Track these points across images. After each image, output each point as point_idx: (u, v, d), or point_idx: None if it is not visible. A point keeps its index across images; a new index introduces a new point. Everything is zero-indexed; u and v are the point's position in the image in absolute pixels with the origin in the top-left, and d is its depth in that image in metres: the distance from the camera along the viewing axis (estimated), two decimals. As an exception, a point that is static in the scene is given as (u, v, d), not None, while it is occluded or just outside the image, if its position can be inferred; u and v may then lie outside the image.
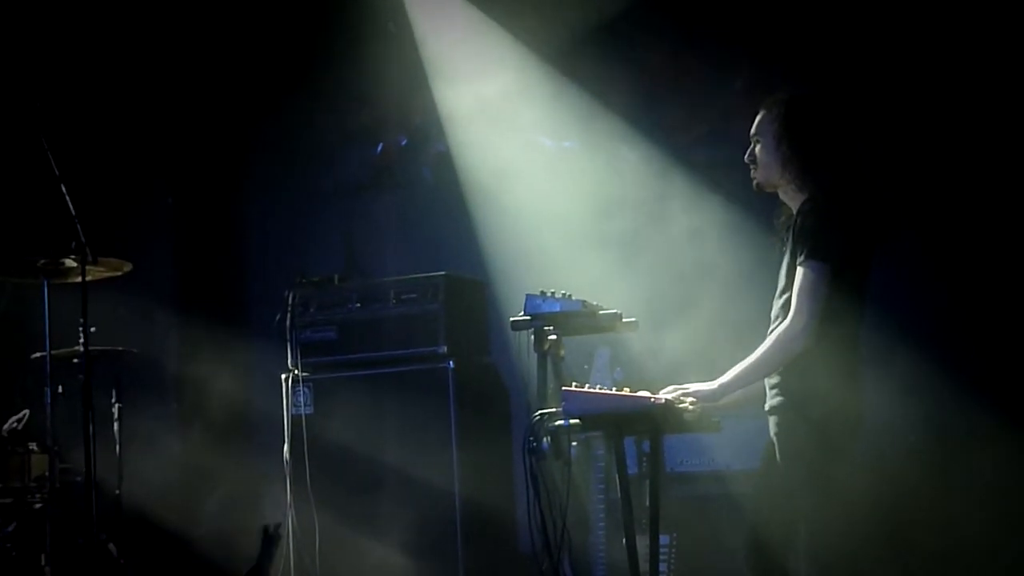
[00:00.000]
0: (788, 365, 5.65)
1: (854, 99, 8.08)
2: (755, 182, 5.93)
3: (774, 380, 5.74)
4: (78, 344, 7.60)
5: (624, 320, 6.19)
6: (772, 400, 5.77)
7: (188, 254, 10.21)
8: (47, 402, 7.55)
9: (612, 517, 7.50)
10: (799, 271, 5.58)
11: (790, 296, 5.63)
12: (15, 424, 8.01)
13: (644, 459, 7.09)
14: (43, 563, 7.53)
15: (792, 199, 5.82)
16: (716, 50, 8.75)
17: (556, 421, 5.78)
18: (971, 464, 7.57)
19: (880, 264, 5.81)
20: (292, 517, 8.74)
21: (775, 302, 5.82)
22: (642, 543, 5.98)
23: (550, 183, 8.80)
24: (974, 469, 7.56)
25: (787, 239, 5.76)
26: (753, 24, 8.53)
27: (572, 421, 5.72)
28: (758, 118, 5.91)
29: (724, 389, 5.74)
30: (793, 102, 5.85)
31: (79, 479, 7.65)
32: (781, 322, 5.66)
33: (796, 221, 5.69)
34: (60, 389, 7.63)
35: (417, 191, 9.87)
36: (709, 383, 5.77)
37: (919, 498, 7.45)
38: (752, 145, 5.91)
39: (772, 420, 5.78)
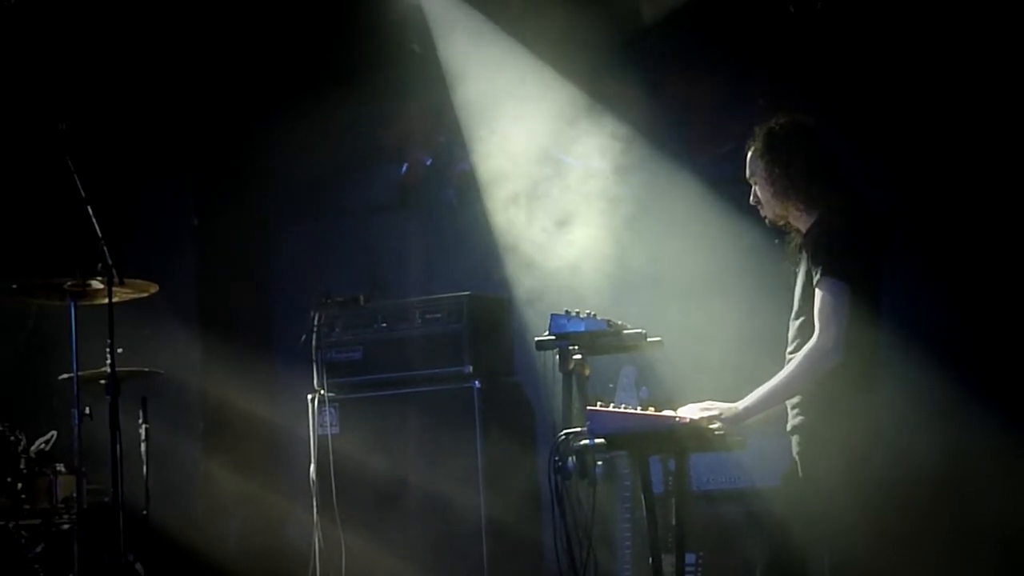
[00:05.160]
0: (811, 384, 5.66)
1: (872, 113, 8.13)
2: (767, 220, 6.01)
3: (796, 399, 5.75)
4: (105, 365, 7.63)
5: (649, 339, 6.20)
6: (794, 419, 5.78)
7: (214, 275, 10.23)
8: (74, 423, 7.56)
9: (638, 536, 7.50)
10: (818, 291, 5.60)
11: (807, 318, 5.66)
12: (43, 445, 8.04)
13: (670, 478, 7.08)
14: (71, 584, 7.57)
15: (801, 223, 5.89)
16: (738, 68, 8.77)
17: (581, 440, 5.78)
18: (989, 485, 7.57)
19: (889, 281, 5.84)
20: (319, 537, 8.74)
21: (791, 324, 5.84)
22: (668, 562, 5.97)
23: (574, 202, 8.80)
24: (992, 489, 7.56)
25: (800, 261, 5.80)
26: (774, 42, 8.54)
27: (597, 440, 5.72)
28: (747, 161, 6.00)
29: (749, 412, 5.74)
30: (770, 133, 5.94)
31: (106, 500, 7.66)
32: (800, 343, 5.68)
33: (808, 242, 5.75)
34: (87, 410, 7.63)
35: (442, 210, 9.89)
36: (733, 404, 5.77)
37: (940, 516, 7.45)
38: (752, 188, 5.97)
39: (795, 439, 5.79)
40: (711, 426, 5.75)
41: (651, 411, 5.80)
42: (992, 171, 8.01)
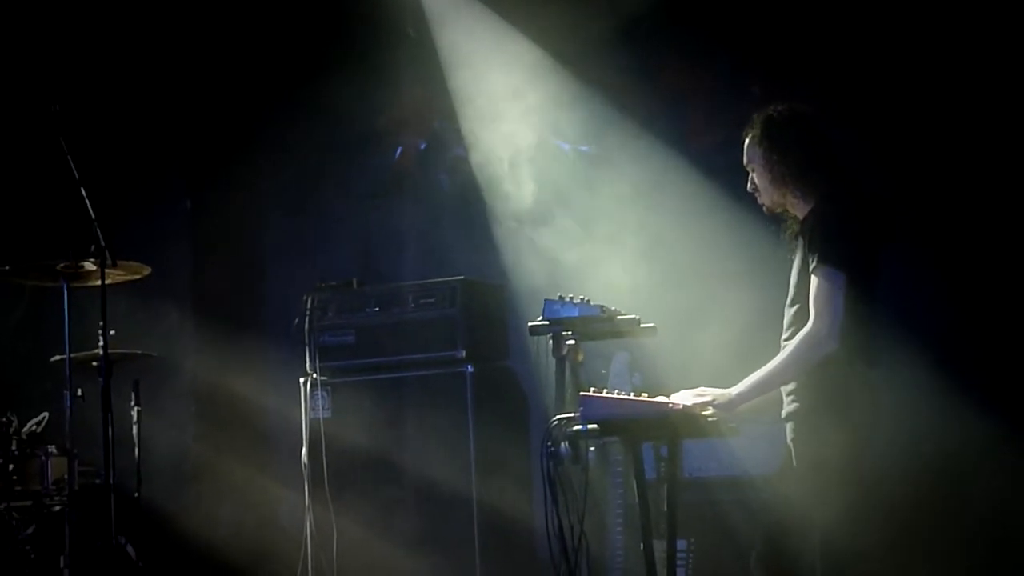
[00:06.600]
0: (805, 372, 5.66)
1: (868, 102, 8.12)
2: (764, 207, 6.02)
3: (791, 387, 5.75)
4: (97, 347, 7.62)
5: (642, 325, 6.19)
6: (789, 407, 5.78)
7: (206, 258, 10.22)
8: (66, 405, 7.53)
9: (630, 522, 7.50)
10: (814, 278, 5.62)
11: (802, 305, 5.67)
12: (34, 427, 8.03)
13: (662, 464, 7.09)
14: (62, 566, 7.53)
15: (799, 210, 5.90)
16: (734, 56, 8.76)
17: (574, 426, 5.77)
18: (983, 476, 7.58)
19: (886, 271, 5.84)
20: (310, 521, 8.74)
21: (786, 310, 5.87)
22: (659, 548, 5.98)
23: (568, 188, 8.80)
24: (986, 481, 7.56)
25: (796, 248, 5.82)
26: (771, 31, 8.53)
27: (590, 426, 5.72)
28: (744, 148, 6.00)
29: (742, 398, 5.75)
30: (768, 120, 5.95)
31: (98, 482, 7.67)
32: (795, 330, 5.68)
33: (805, 230, 5.76)
34: (79, 392, 7.62)
35: (435, 195, 9.88)
36: (727, 390, 5.77)
37: (933, 508, 7.46)
38: (749, 174, 5.98)
39: (789, 426, 5.80)
40: (704, 412, 5.76)
41: (644, 397, 5.81)
42: (992, 164, 7.99)
